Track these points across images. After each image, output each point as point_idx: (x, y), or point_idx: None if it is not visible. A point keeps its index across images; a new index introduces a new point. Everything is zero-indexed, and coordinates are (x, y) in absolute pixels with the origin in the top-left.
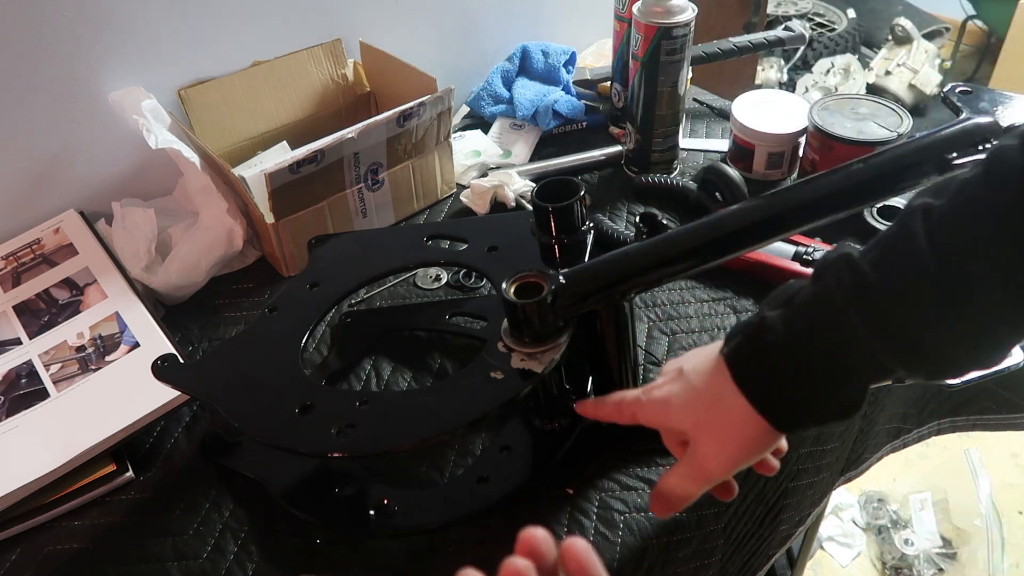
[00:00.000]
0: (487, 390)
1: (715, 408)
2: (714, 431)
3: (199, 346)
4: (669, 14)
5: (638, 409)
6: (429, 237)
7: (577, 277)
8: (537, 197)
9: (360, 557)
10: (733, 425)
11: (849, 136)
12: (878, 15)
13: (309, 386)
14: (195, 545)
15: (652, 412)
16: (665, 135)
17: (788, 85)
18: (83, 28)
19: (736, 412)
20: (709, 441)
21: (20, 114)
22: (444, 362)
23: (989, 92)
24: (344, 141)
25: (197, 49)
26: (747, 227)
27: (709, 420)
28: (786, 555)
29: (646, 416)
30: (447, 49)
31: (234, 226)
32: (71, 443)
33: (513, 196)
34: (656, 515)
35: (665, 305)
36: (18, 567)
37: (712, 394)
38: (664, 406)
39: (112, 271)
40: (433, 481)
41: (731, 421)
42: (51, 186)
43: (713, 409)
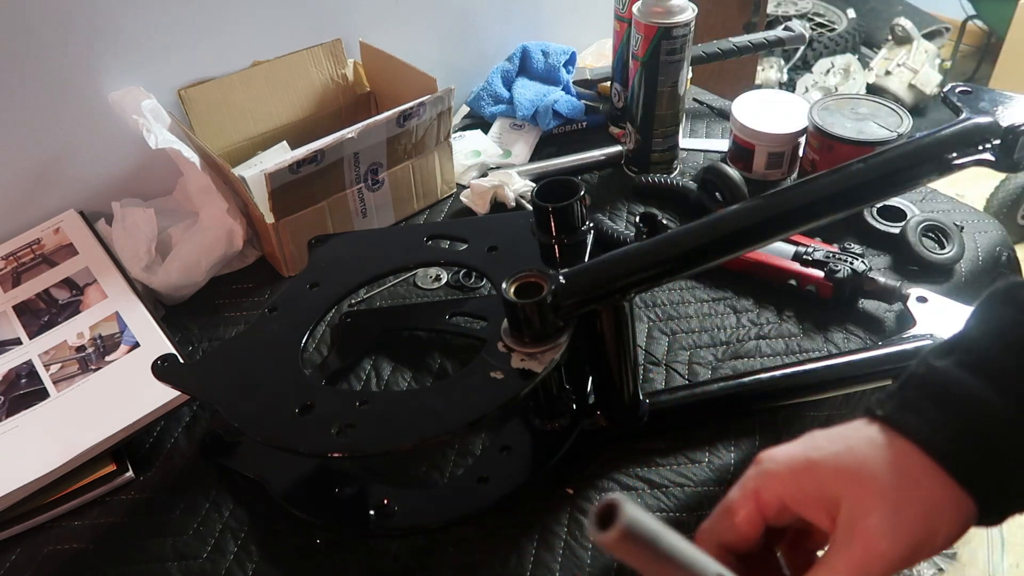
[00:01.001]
0: (487, 390)
1: (891, 476)
2: (888, 496)
3: (199, 346)
4: (669, 14)
5: (762, 482)
6: (429, 237)
7: (577, 277)
8: (537, 197)
9: (360, 557)
10: (919, 498)
11: (849, 136)
12: (878, 15)
13: (309, 386)
14: (195, 545)
15: (789, 474)
16: (665, 135)
17: (788, 85)
18: (83, 28)
19: (928, 488)
20: (880, 507)
21: (20, 114)
22: (444, 362)
23: (989, 92)
24: (344, 141)
25: (197, 49)
26: (747, 227)
27: (879, 483)
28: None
29: (780, 482)
30: (447, 49)
31: (234, 226)
32: (71, 443)
33: (513, 196)
34: None
35: (665, 305)
36: (18, 567)
37: (887, 462)
38: (808, 465)
39: (112, 271)
40: (433, 481)
41: (917, 492)
42: (51, 186)
43: (888, 476)
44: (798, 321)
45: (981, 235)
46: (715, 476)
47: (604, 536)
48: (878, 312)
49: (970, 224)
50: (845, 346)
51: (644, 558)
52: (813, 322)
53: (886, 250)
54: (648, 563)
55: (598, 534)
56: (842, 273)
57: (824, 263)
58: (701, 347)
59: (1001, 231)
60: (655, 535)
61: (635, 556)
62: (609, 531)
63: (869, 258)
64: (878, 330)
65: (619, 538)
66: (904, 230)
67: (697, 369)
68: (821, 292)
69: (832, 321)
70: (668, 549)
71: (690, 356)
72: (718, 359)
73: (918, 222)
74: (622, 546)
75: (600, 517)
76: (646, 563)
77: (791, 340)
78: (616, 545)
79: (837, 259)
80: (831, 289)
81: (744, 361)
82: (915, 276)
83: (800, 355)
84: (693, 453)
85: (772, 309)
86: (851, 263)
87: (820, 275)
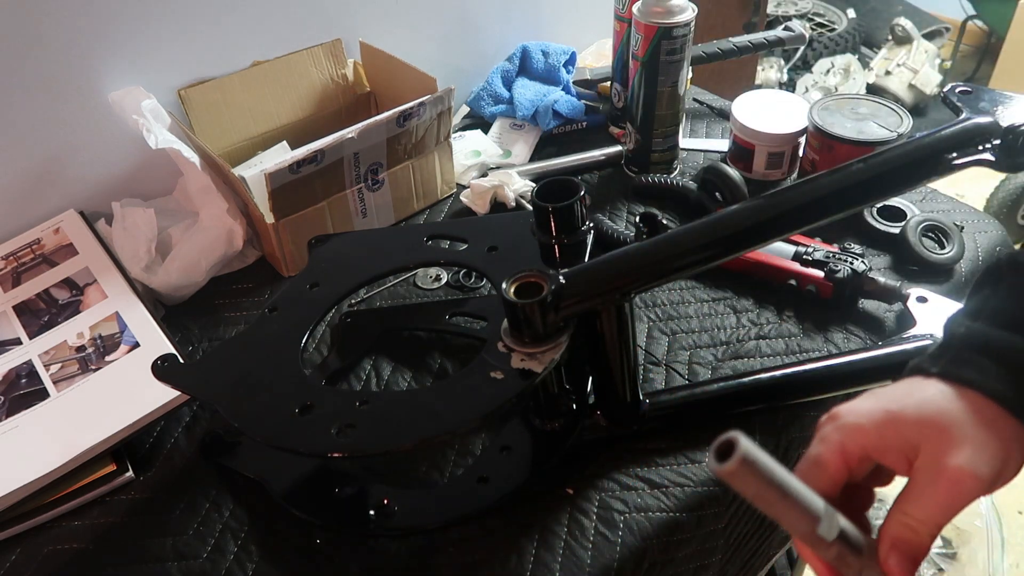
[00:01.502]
0: (487, 390)
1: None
2: (969, 438)
3: (199, 346)
4: (669, 14)
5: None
6: (429, 237)
7: (577, 277)
8: (537, 197)
9: (360, 557)
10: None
11: (849, 136)
12: (878, 15)
13: (309, 386)
14: (195, 545)
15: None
16: (665, 135)
17: (788, 85)
18: (83, 28)
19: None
20: (965, 448)
21: (20, 114)
22: (444, 362)
23: (989, 92)
24: (344, 141)
25: (197, 49)
26: (747, 227)
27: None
28: (786, 555)
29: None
30: (447, 49)
31: (234, 226)
32: (71, 443)
33: (513, 196)
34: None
35: (665, 305)
36: (18, 567)
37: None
38: (890, 417)
39: (112, 271)
40: (433, 481)
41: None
42: (51, 186)
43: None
44: (798, 321)
45: (981, 235)
46: (715, 476)
47: (723, 467)
48: (878, 312)
49: (970, 224)
50: (845, 346)
51: (759, 488)
52: (813, 322)
53: (886, 250)
54: (762, 493)
55: (717, 466)
56: (842, 273)
57: (824, 263)
58: (701, 347)
59: (1001, 231)
60: (769, 467)
61: (751, 486)
62: (728, 463)
63: (869, 258)
64: (878, 330)
65: (736, 468)
66: (904, 230)
67: (697, 369)
68: (821, 292)
69: (832, 321)
70: (781, 481)
71: (690, 356)
72: (718, 359)
73: (918, 222)
74: (739, 476)
75: (719, 452)
76: (761, 493)
77: (791, 340)
78: (734, 475)
79: (837, 259)
80: (831, 289)
81: (744, 361)
82: (915, 276)
83: (800, 355)
84: (693, 453)
85: (772, 309)
86: (851, 263)
87: (820, 275)
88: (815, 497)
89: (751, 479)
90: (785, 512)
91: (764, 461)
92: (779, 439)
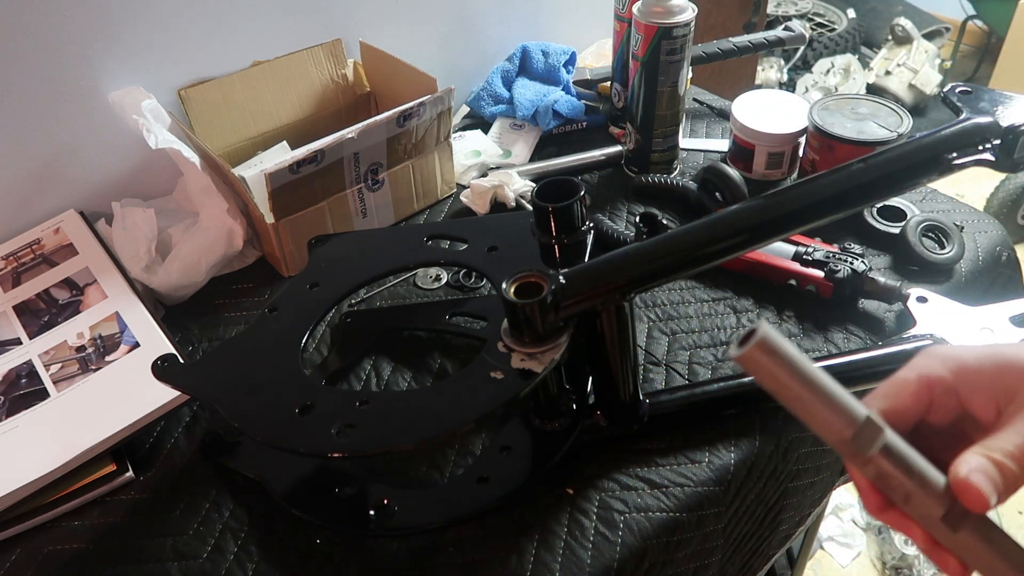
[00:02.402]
0: (487, 390)
1: None
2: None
3: (199, 346)
4: (669, 14)
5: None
6: (429, 237)
7: (577, 277)
8: (537, 197)
9: (360, 557)
10: None
11: (849, 136)
12: (878, 15)
13: (309, 386)
14: (195, 545)
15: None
16: (665, 135)
17: (788, 85)
18: (83, 28)
19: None
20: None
21: (20, 114)
22: (444, 362)
23: (989, 92)
24: (344, 141)
25: (197, 49)
26: (747, 227)
27: None
28: (786, 555)
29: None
30: (447, 49)
31: (234, 226)
32: (71, 443)
33: (513, 196)
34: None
35: (665, 305)
36: (18, 567)
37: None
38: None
39: (112, 271)
40: (433, 481)
41: None
42: (51, 186)
43: None
44: (798, 321)
45: (981, 235)
46: (715, 476)
47: (740, 351)
48: (878, 312)
49: (970, 224)
50: (845, 346)
51: (780, 378)
52: (813, 322)
53: (886, 250)
54: (784, 384)
55: (736, 351)
56: (842, 273)
57: (824, 263)
58: (701, 347)
59: (1001, 231)
60: (794, 357)
61: (769, 374)
62: (745, 347)
63: (869, 258)
64: (878, 330)
65: (753, 353)
66: (904, 230)
67: (697, 369)
68: (821, 292)
69: (832, 321)
70: (807, 374)
71: (690, 356)
72: (718, 359)
73: (918, 222)
74: (756, 362)
75: (741, 340)
76: (782, 384)
77: (791, 340)
78: (750, 360)
79: (837, 259)
80: (831, 289)
81: None
82: (915, 276)
83: None
84: (693, 453)
85: (772, 309)
86: (851, 263)
87: (820, 275)
88: (856, 403)
89: (770, 366)
90: (812, 410)
91: (787, 350)
92: (779, 439)
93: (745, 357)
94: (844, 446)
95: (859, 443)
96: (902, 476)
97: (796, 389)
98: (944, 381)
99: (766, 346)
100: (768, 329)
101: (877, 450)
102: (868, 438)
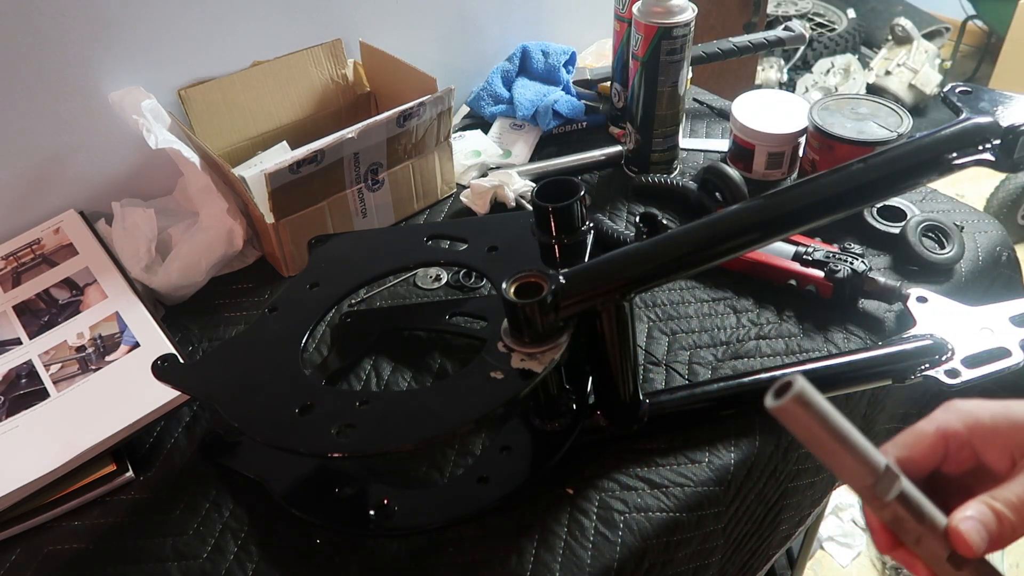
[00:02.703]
0: (487, 390)
1: None
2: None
3: (199, 346)
4: (669, 14)
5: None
6: (429, 237)
7: (577, 277)
8: (537, 197)
9: (360, 557)
10: None
11: (849, 136)
12: (878, 15)
13: (309, 386)
14: (195, 545)
15: (988, 416)
16: (665, 135)
17: (788, 85)
18: (83, 28)
19: None
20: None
21: (20, 114)
22: (444, 362)
23: (989, 92)
24: (344, 141)
25: (197, 49)
26: (747, 227)
27: None
28: (786, 555)
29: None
30: (447, 49)
31: (234, 226)
32: (71, 443)
33: (513, 196)
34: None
35: (665, 305)
36: (18, 567)
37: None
38: (1008, 413)
39: (112, 271)
40: (433, 481)
41: None
42: (51, 186)
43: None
44: (798, 321)
45: (981, 235)
46: (715, 476)
47: (777, 403)
48: (878, 312)
49: (970, 224)
50: (845, 346)
51: (812, 430)
52: (813, 322)
53: (886, 250)
54: (815, 436)
55: (772, 402)
56: (842, 273)
57: (824, 263)
58: (701, 347)
59: (1001, 231)
60: (826, 411)
61: (803, 426)
62: (782, 399)
63: (869, 258)
64: (878, 330)
65: (789, 406)
66: (904, 230)
67: (697, 369)
68: (821, 292)
69: (832, 321)
70: (836, 427)
71: (690, 356)
72: (718, 359)
73: (918, 222)
74: (792, 414)
75: (777, 391)
76: (813, 435)
77: (791, 340)
78: (786, 413)
79: (837, 259)
80: (831, 289)
81: (744, 361)
82: (915, 276)
83: (800, 355)
84: (693, 453)
85: (772, 309)
86: (851, 263)
87: (820, 275)
88: (876, 453)
89: (804, 419)
90: (838, 460)
91: (820, 403)
92: (779, 439)
93: (782, 409)
94: (865, 492)
95: (878, 490)
96: (914, 521)
97: (826, 440)
98: (960, 435)
99: (802, 400)
100: (804, 383)
101: (894, 497)
102: (886, 485)
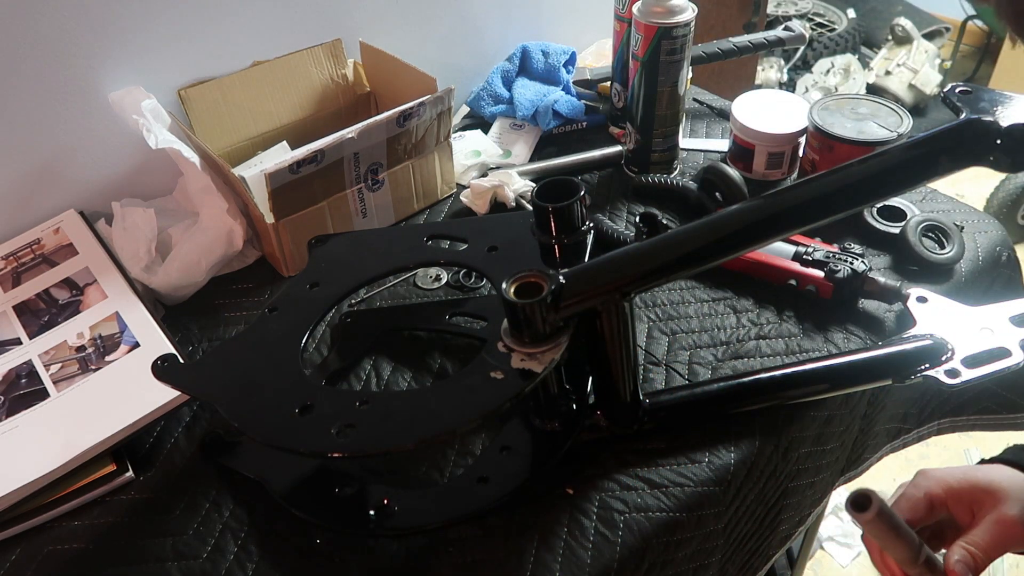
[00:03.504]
0: (487, 390)
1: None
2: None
3: (199, 346)
4: (669, 14)
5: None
6: (429, 237)
7: (577, 277)
8: (537, 197)
9: (360, 557)
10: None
11: (849, 136)
12: (878, 15)
13: (309, 386)
14: (195, 545)
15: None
16: (665, 135)
17: (788, 85)
18: (83, 28)
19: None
20: (1014, 507)
21: (20, 114)
22: (444, 362)
23: (989, 92)
24: (344, 141)
25: (197, 49)
26: (747, 227)
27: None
28: (786, 555)
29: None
30: (447, 49)
31: (234, 226)
32: (71, 443)
33: (513, 196)
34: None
35: (665, 305)
36: (18, 567)
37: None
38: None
39: (112, 271)
40: (433, 481)
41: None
42: (51, 186)
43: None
44: (798, 321)
45: (981, 235)
46: (715, 476)
47: (864, 516)
48: (878, 312)
49: (970, 224)
50: (845, 346)
51: (886, 531)
52: (813, 322)
53: (886, 250)
54: (886, 533)
55: (858, 514)
56: (842, 273)
57: (824, 263)
58: (701, 347)
59: (1001, 231)
60: (895, 517)
61: (880, 530)
62: (868, 512)
63: (869, 258)
64: (878, 330)
65: (874, 518)
66: (904, 230)
67: (697, 369)
68: (821, 292)
69: (832, 321)
70: (897, 523)
71: (690, 356)
72: (718, 359)
73: (918, 222)
74: (875, 523)
75: (856, 503)
76: (885, 534)
77: (791, 340)
78: (871, 523)
79: (837, 259)
80: (831, 289)
81: (744, 361)
82: (915, 276)
83: (800, 355)
84: (693, 453)
85: (772, 309)
86: (851, 263)
87: (820, 275)
88: (913, 533)
89: (882, 525)
90: (897, 546)
91: (889, 509)
92: (779, 439)
93: (866, 520)
94: (909, 561)
95: (919, 560)
96: (928, 572)
97: (893, 535)
98: (939, 497)
99: (883, 513)
100: (881, 500)
101: (923, 559)
102: (921, 552)
